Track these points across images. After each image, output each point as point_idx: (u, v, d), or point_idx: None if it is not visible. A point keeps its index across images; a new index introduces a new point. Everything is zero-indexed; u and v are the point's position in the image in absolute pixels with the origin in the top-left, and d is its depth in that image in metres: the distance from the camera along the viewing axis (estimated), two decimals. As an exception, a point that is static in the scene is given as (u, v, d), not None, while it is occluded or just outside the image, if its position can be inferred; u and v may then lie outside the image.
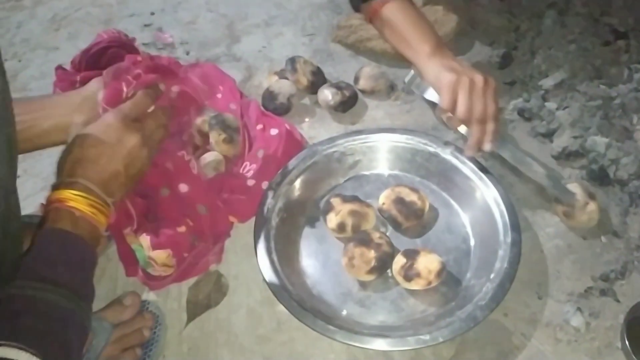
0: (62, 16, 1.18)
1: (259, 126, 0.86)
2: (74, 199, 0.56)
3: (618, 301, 0.70)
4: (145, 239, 0.70)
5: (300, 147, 0.85)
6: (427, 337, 0.63)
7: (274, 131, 0.84)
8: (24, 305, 0.48)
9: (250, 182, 0.80)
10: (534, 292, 0.72)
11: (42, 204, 0.78)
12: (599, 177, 0.80)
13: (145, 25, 1.14)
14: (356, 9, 0.97)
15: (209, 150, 0.82)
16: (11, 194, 0.51)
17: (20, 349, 0.43)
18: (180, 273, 0.74)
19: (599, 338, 0.67)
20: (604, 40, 0.96)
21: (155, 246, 0.70)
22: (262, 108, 0.91)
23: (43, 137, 0.69)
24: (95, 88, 0.72)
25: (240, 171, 0.82)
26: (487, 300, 0.66)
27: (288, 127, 0.85)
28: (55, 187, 0.57)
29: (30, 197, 0.82)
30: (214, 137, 0.81)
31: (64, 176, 0.58)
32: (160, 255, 0.70)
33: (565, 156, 0.83)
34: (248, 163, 0.83)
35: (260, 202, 0.77)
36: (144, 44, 1.09)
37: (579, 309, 0.69)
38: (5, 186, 0.49)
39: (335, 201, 0.76)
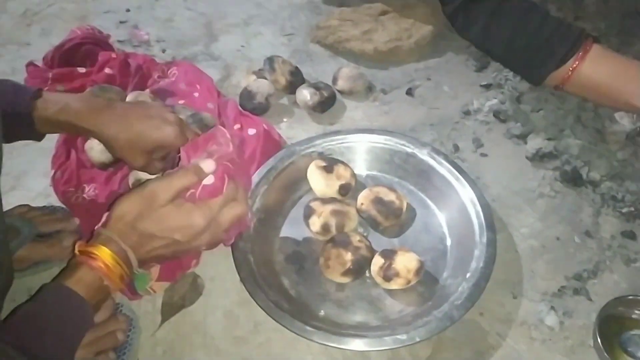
0: (34, 11, 1.16)
1: (237, 126, 0.86)
2: (112, 267, 0.54)
3: (590, 300, 0.71)
4: (156, 269, 0.70)
5: (279, 147, 0.84)
6: (404, 336, 0.63)
7: (251, 131, 0.84)
8: None
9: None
10: (509, 291, 0.72)
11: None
12: (572, 179, 0.82)
13: (121, 22, 1.12)
14: (540, 81, 0.83)
15: None
16: None
17: None
18: (159, 282, 0.73)
19: (572, 337, 0.69)
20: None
21: (160, 278, 0.70)
22: (240, 108, 0.90)
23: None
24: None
25: None
26: (463, 300, 0.66)
27: (266, 127, 0.85)
28: (100, 239, 0.55)
29: None
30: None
31: (117, 234, 0.55)
32: (162, 286, 0.71)
33: (539, 157, 0.84)
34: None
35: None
36: (119, 41, 1.07)
37: (552, 308, 0.70)
38: None
39: (315, 204, 0.76)
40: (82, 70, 0.93)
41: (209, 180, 0.57)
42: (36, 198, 0.82)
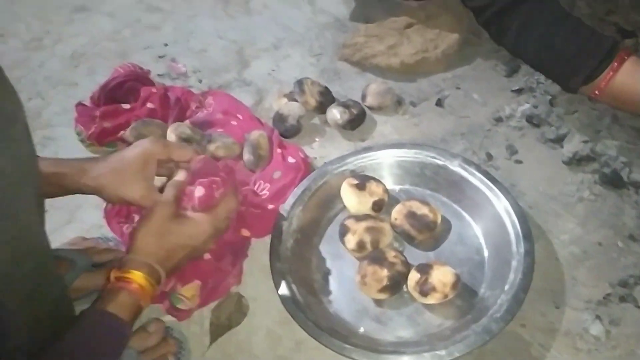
0: (80, 53, 1.24)
1: (278, 150, 0.89)
2: (146, 289, 0.60)
3: (639, 307, 0.69)
4: (196, 287, 0.74)
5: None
6: (443, 352, 0.64)
7: (291, 159, 0.87)
8: None
9: (267, 204, 0.83)
10: (550, 301, 0.71)
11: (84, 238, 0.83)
12: (612, 181, 0.79)
13: (160, 57, 1.18)
14: (574, 90, 0.82)
15: None
16: (45, 244, 0.54)
17: None
18: (203, 298, 0.76)
19: (620, 346, 0.67)
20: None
21: (184, 282, 0.73)
22: (280, 137, 0.93)
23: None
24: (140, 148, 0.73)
25: (255, 189, 0.85)
26: (502, 313, 0.66)
27: (303, 157, 0.88)
28: (133, 265, 0.61)
29: (57, 232, 0.86)
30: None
31: (145, 257, 0.62)
32: (190, 289, 0.73)
33: (577, 161, 0.83)
34: (262, 182, 0.85)
35: (274, 224, 0.79)
36: (158, 75, 1.13)
37: (597, 316, 0.69)
38: (40, 238, 0.53)
39: (349, 222, 0.78)
40: (126, 106, 0.98)
41: (199, 192, 0.68)
42: (90, 229, 0.88)
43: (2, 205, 0.46)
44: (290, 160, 0.87)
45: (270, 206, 0.82)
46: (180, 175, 0.70)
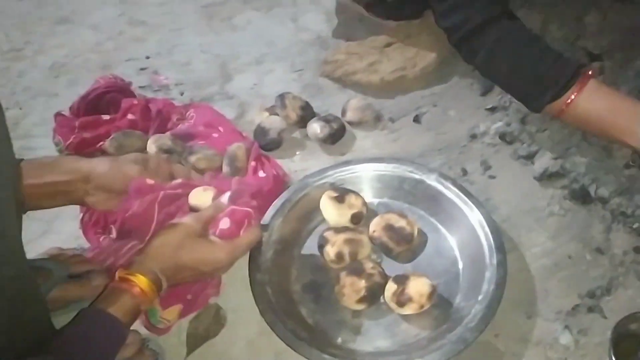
0: (61, 63, 1.23)
1: (253, 163, 0.90)
2: (148, 294, 0.61)
3: (605, 317, 0.72)
4: (177, 309, 0.73)
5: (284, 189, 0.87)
6: (419, 361, 0.65)
7: (262, 173, 0.88)
8: None
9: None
10: (523, 311, 0.73)
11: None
12: (581, 196, 0.83)
13: (141, 69, 1.19)
14: (538, 110, 0.83)
15: None
16: (21, 250, 0.54)
17: None
18: (182, 313, 0.76)
19: (588, 355, 0.69)
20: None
21: (166, 305, 0.72)
22: (260, 150, 0.93)
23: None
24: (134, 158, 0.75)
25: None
26: (476, 322, 0.68)
27: (275, 173, 0.88)
28: (143, 270, 0.61)
29: (32, 242, 0.85)
30: None
31: (156, 265, 0.62)
32: (172, 312, 0.73)
33: (547, 177, 0.86)
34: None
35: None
36: (140, 87, 1.13)
37: (567, 327, 0.71)
38: (16, 245, 0.52)
39: (329, 234, 0.79)
40: (106, 117, 0.98)
41: (224, 224, 0.67)
42: (67, 240, 0.87)
43: None
44: (261, 174, 0.88)
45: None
46: (224, 198, 0.71)
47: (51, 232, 0.89)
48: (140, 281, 0.60)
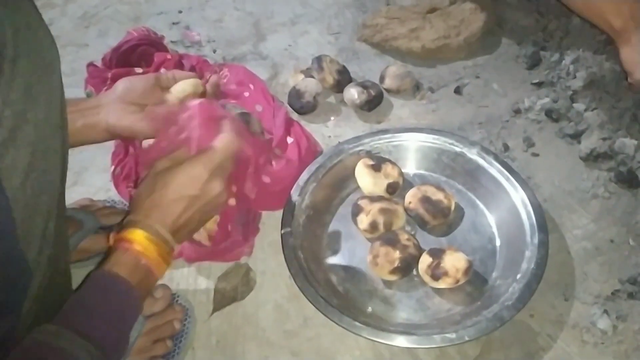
0: (91, 14, 1.21)
1: (281, 130, 0.87)
2: (145, 246, 0.54)
3: (646, 305, 0.70)
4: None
5: (315, 156, 0.84)
6: (453, 335, 0.64)
7: (289, 139, 0.85)
8: (48, 356, 0.46)
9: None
10: (560, 293, 0.72)
11: (90, 200, 0.81)
12: (627, 180, 0.79)
13: (173, 24, 1.16)
14: None
15: None
16: (63, 196, 0.52)
17: None
18: (214, 253, 0.75)
19: (626, 341, 0.67)
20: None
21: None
22: (289, 115, 0.90)
23: (77, 136, 0.70)
24: (122, 87, 0.72)
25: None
26: (513, 301, 0.66)
27: (306, 138, 0.86)
28: (129, 225, 0.56)
29: (63, 192, 0.84)
30: None
31: (141, 215, 0.56)
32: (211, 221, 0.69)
33: (594, 158, 0.83)
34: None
35: (287, 200, 0.78)
36: (171, 42, 1.10)
37: (605, 311, 0.69)
38: (59, 189, 0.50)
39: (363, 202, 0.77)
40: (139, 70, 0.96)
41: (193, 132, 0.59)
42: (97, 193, 0.86)
43: (35, 156, 0.44)
44: (289, 140, 0.85)
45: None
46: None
47: (81, 184, 0.88)
48: (134, 235, 0.55)
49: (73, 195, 0.83)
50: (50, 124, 0.46)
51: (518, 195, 0.75)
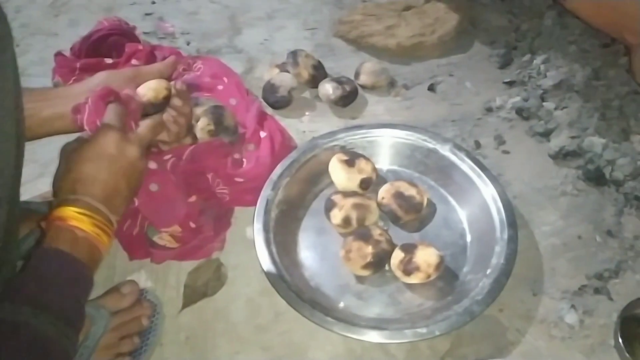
0: (62, 2, 1.17)
1: (254, 124, 0.86)
2: (77, 218, 0.53)
3: (612, 300, 0.71)
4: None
5: (289, 151, 0.84)
6: (424, 330, 0.64)
7: (262, 134, 0.84)
8: (7, 331, 0.45)
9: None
10: (529, 288, 0.73)
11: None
12: (595, 177, 0.81)
13: (147, 14, 1.13)
14: None
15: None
16: (17, 183, 0.50)
17: None
18: (184, 251, 0.75)
19: (592, 335, 0.69)
20: (603, 42, 0.97)
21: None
22: (263, 109, 0.90)
23: (44, 126, 0.68)
24: (98, 81, 0.71)
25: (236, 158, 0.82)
26: (483, 295, 0.67)
27: (280, 132, 0.85)
28: (57, 205, 0.54)
29: (29, 183, 0.82)
30: (203, 123, 0.81)
31: (66, 194, 0.55)
32: (173, 229, 0.70)
33: (562, 156, 0.84)
34: (238, 155, 0.83)
35: (260, 195, 0.77)
36: (144, 33, 1.08)
37: (573, 306, 0.70)
38: (13, 176, 0.48)
39: (337, 197, 0.77)
40: (109, 61, 0.93)
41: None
42: (64, 185, 0.84)
43: None
44: (262, 134, 0.84)
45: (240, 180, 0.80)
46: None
47: (47, 175, 0.85)
48: (61, 212, 0.53)
49: (40, 187, 0.81)
50: (2, 106, 0.44)
51: (489, 192, 0.76)
